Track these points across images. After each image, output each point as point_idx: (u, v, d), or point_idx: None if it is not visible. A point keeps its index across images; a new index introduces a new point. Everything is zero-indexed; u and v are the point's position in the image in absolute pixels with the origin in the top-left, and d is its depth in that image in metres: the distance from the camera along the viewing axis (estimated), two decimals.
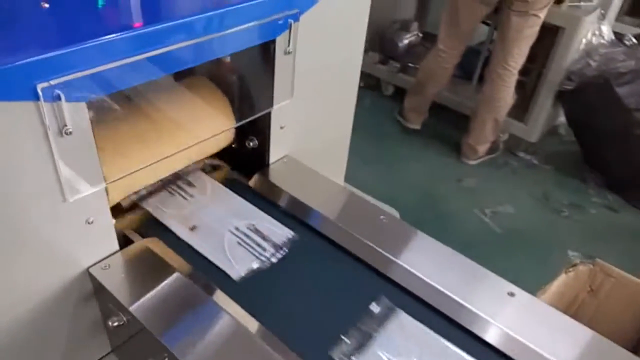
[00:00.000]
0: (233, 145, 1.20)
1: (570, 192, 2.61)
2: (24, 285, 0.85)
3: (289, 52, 1.04)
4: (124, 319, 0.87)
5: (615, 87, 2.37)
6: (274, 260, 1.02)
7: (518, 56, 2.39)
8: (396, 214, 1.71)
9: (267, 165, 1.19)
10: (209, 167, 1.21)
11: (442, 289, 0.95)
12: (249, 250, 1.03)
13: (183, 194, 1.13)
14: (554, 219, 2.45)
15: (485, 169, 2.72)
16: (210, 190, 1.14)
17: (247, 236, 1.05)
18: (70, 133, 0.76)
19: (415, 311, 0.94)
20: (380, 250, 1.01)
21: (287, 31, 1.01)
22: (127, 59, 0.77)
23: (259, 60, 1.06)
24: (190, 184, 1.15)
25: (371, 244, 1.03)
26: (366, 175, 2.57)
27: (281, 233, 1.07)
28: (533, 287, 1.88)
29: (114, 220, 0.94)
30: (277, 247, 1.04)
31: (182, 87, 1.11)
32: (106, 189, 0.88)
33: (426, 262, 1.00)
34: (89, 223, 0.87)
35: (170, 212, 1.08)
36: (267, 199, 1.15)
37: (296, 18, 1.01)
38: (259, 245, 1.04)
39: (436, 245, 1.04)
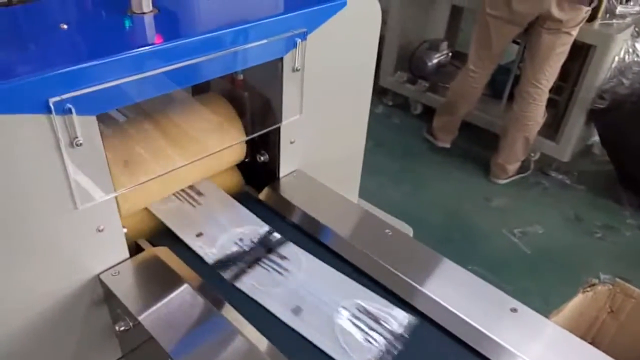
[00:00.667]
0: (246, 160, 1.24)
1: (604, 213, 2.53)
2: (36, 289, 0.89)
3: (297, 70, 1.08)
4: (130, 324, 0.91)
5: None
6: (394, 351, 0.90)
7: (549, 74, 2.36)
8: (410, 230, 1.70)
9: (278, 179, 1.22)
10: None
11: (442, 302, 0.95)
12: (364, 337, 0.91)
13: (278, 269, 1.04)
14: (587, 241, 2.38)
15: (515, 188, 2.68)
16: (305, 263, 1.05)
17: (359, 319, 0.94)
18: (81, 144, 0.81)
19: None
20: (383, 262, 1.02)
21: (295, 49, 1.05)
22: (135, 75, 0.82)
23: (267, 76, 1.09)
24: (283, 257, 1.06)
25: (373, 257, 1.03)
26: (394, 193, 2.57)
27: (396, 315, 0.95)
28: None
29: (125, 229, 0.98)
30: (395, 336, 0.92)
31: (195, 101, 1.15)
32: (117, 198, 0.93)
33: (427, 275, 1.00)
34: (99, 230, 0.91)
35: (269, 291, 0.99)
36: (277, 212, 1.18)
37: (304, 37, 1.05)
38: (373, 329, 0.93)
39: (439, 259, 1.04)
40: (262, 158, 1.22)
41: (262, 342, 0.89)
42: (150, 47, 0.83)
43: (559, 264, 2.25)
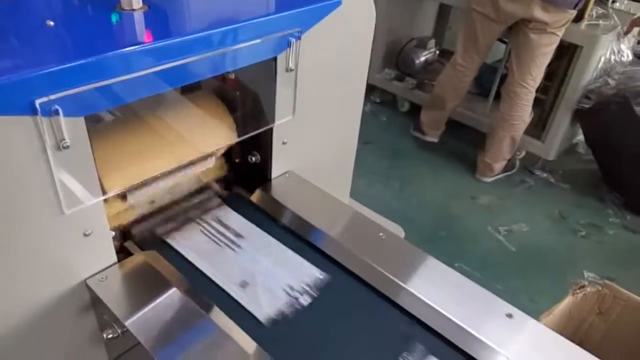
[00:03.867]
0: (236, 160, 1.21)
1: (588, 212, 2.56)
2: (21, 295, 0.86)
3: (290, 70, 1.06)
4: (119, 331, 0.88)
5: (635, 106, 2.32)
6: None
7: (535, 74, 2.37)
8: (401, 232, 1.69)
9: (269, 180, 1.20)
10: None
11: (438, 308, 0.94)
12: None
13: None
14: (571, 239, 2.41)
15: (501, 186, 2.69)
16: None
17: None
18: (68, 147, 0.78)
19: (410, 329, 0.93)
20: (378, 267, 1.01)
21: (289, 49, 1.02)
22: (124, 75, 0.79)
23: (260, 76, 1.07)
24: None
25: (368, 261, 1.02)
26: (380, 192, 2.56)
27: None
28: (546, 308, 1.84)
29: (112, 233, 0.95)
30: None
31: (186, 100, 1.12)
32: (104, 201, 0.90)
33: (422, 280, 0.99)
34: (86, 235, 0.88)
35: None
36: (268, 214, 1.15)
37: (298, 37, 1.02)
38: None
39: (434, 264, 1.03)
40: (253, 159, 1.20)
41: (251, 346, 0.87)
42: (142, 46, 0.80)
43: (543, 262, 2.27)
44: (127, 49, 0.78)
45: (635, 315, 1.31)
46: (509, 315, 0.93)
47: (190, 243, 1.08)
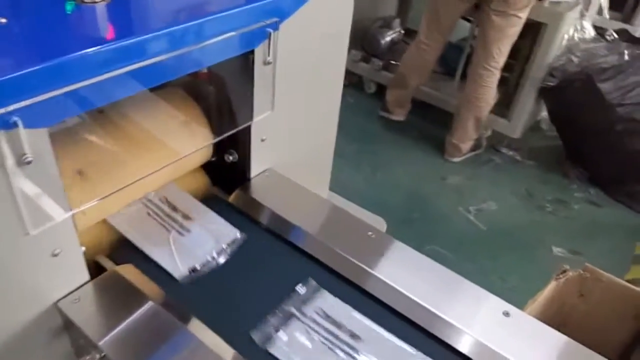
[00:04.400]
0: (212, 159, 1.14)
1: (553, 188, 2.60)
2: None
3: (268, 63, 0.99)
4: (97, 356, 0.81)
5: (598, 82, 2.35)
6: None
7: (498, 56, 2.36)
8: (383, 224, 1.66)
9: (249, 179, 1.14)
10: None
11: (433, 309, 0.91)
12: None
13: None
14: (538, 215, 2.44)
15: (469, 166, 2.70)
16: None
17: None
18: (30, 162, 0.69)
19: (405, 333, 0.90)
20: (368, 269, 0.97)
21: (267, 41, 0.95)
22: (91, 78, 0.70)
23: (237, 71, 1.00)
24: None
25: (358, 262, 0.98)
26: (351, 176, 2.53)
27: None
28: (519, 284, 1.85)
29: (83, 248, 0.87)
30: None
31: (157, 99, 1.04)
32: (73, 217, 0.82)
33: (415, 280, 0.95)
34: (54, 255, 0.80)
35: None
36: (249, 216, 1.09)
37: (275, 27, 0.95)
38: None
39: (427, 263, 1.00)
40: (230, 158, 1.13)
41: (230, 355, 0.83)
42: (109, 44, 0.71)
43: (513, 239, 2.29)
44: (93, 48, 0.69)
45: (614, 296, 1.32)
46: (506, 314, 0.91)
47: (304, 354, 0.86)
